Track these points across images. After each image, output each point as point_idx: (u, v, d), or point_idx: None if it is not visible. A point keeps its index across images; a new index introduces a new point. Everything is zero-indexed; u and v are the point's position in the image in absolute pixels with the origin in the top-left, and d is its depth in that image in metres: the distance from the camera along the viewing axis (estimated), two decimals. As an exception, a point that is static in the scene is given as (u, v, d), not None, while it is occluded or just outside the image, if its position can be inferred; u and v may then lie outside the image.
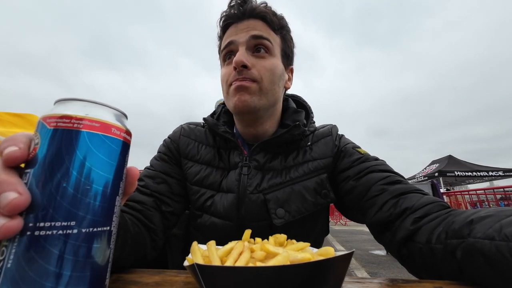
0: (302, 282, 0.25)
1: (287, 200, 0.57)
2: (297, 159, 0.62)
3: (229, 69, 0.59)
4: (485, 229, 0.33)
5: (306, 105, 0.72)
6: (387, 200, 0.50)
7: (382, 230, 0.50)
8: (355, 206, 0.57)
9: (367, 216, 0.53)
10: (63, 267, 0.19)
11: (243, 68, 0.56)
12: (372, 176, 0.55)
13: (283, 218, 0.56)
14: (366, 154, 0.62)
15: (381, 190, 0.52)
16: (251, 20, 0.59)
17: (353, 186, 0.57)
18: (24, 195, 0.19)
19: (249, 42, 0.58)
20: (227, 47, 0.60)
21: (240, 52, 0.57)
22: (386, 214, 0.49)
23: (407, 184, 0.53)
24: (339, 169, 0.62)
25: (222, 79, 0.62)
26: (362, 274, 2.66)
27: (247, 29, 0.58)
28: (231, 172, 0.61)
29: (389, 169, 0.58)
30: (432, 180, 6.36)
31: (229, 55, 0.61)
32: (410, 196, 0.49)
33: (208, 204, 0.60)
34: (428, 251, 0.40)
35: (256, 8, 0.59)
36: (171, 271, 0.37)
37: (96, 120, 0.22)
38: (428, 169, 14.37)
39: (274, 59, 0.60)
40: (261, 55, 0.59)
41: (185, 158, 0.65)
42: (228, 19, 0.61)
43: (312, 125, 0.68)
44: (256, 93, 0.57)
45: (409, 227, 0.44)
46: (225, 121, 0.67)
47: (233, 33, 0.60)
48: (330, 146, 0.64)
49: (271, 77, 0.59)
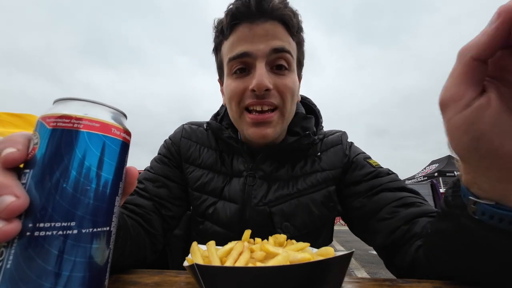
0: (302, 282, 0.25)
1: (293, 213, 0.55)
2: (305, 168, 0.58)
3: (240, 84, 0.51)
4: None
5: (315, 109, 0.67)
6: (400, 226, 0.47)
7: (392, 255, 0.48)
8: (362, 224, 0.54)
9: (377, 240, 0.50)
10: (63, 267, 0.19)
11: (266, 91, 0.49)
12: (385, 196, 0.51)
13: (289, 232, 0.54)
14: (378, 167, 0.58)
15: (393, 214, 0.48)
16: (269, 23, 0.50)
17: (363, 204, 0.53)
18: (22, 198, 0.19)
19: (269, 57, 0.50)
20: (240, 57, 0.50)
21: (261, 71, 0.48)
22: (398, 241, 0.46)
23: (420, 207, 0.48)
24: (349, 181, 0.58)
25: (230, 95, 0.53)
26: (362, 274, 2.66)
27: (265, 36, 0.49)
28: (235, 180, 0.58)
29: (403, 186, 0.53)
30: (432, 180, 6.36)
31: (243, 68, 0.51)
32: (421, 220, 0.45)
33: (210, 212, 0.58)
34: (429, 267, 0.39)
35: (276, 8, 0.49)
36: (171, 271, 0.37)
37: (96, 120, 0.22)
38: (427, 169, 14.37)
39: (293, 75, 0.54)
40: (282, 73, 0.52)
41: (186, 162, 0.63)
42: (240, 17, 0.50)
43: (321, 132, 0.65)
44: (279, 122, 0.52)
45: (413, 254, 0.42)
46: (229, 123, 0.63)
47: (247, 39, 0.50)
48: (340, 156, 0.60)
49: (291, 97, 0.53)
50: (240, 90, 0.51)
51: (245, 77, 0.51)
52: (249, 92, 0.50)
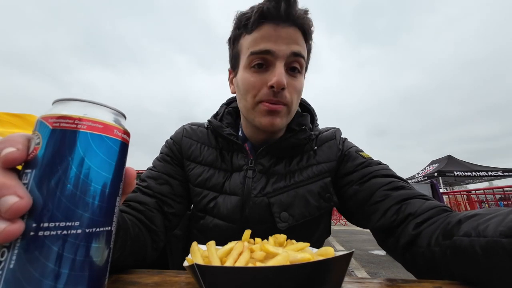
0: (302, 282, 0.25)
1: (291, 204, 0.57)
2: (301, 163, 0.62)
3: (258, 80, 0.54)
4: (467, 228, 0.34)
5: (310, 108, 0.71)
6: (391, 206, 0.50)
7: (386, 236, 0.50)
8: (358, 211, 0.57)
9: (371, 222, 0.53)
10: (65, 266, 0.19)
11: (281, 90, 0.53)
12: (376, 181, 0.55)
13: (287, 222, 0.56)
14: (369, 158, 0.62)
15: (384, 196, 0.52)
16: (292, 29, 0.54)
17: (357, 191, 0.57)
18: (25, 199, 0.19)
19: (288, 59, 0.54)
20: (263, 54, 0.53)
21: (280, 70, 0.52)
22: (390, 220, 0.49)
23: (410, 190, 0.52)
24: (342, 173, 0.62)
25: (247, 88, 0.56)
26: (362, 274, 2.66)
27: (288, 40, 0.53)
28: (235, 175, 0.61)
29: (392, 173, 0.57)
30: (432, 180, 6.36)
31: (261, 64, 0.55)
32: (413, 201, 0.49)
33: (211, 206, 0.60)
34: (429, 255, 0.40)
35: (300, 16, 0.54)
36: (171, 272, 0.37)
37: (96, 120, 0.23)
38: (427, 169, 14.39)
39: (302, 78, 0.59)
40: (294, 74, 0.56)
41: (188, 160, 0.65)
42: (268, 16, 0.53)
43: (316, 128, 0.68)
44: (285, 115, 0.57)
45: (411, 233, 0.44)
46: (228, 122, 0.67)
47: (271, 38, 0.53)
48: (334, 150, 0.64)
49: (298, 98, 0.58)
50: (258, 84, 0.55)
51: (263, 73, 0.54)
52: (266, 88, 0.54)
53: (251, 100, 0.56)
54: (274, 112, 0.55)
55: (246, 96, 0.57)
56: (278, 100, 0.54)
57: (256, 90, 0.55)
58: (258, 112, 0.56)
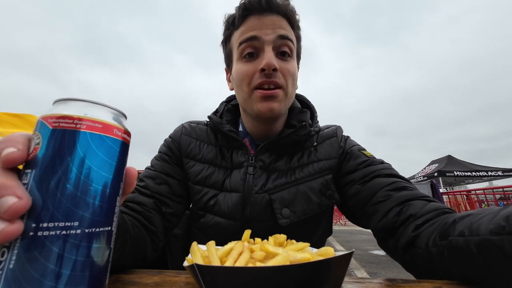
0: (302, 282, 0.25)
1: (292, 200, 0.57)
2: (302, 159, 0.62)
3: (250, 67, 0.56)
4: (461, 227, 0.34)
5: (310, 105, 0.72)
6: (392, 207, 0.50)
7: (387, 237, 0.50)
8: (360, 210, 0.57)
9: (372, 222, 0.53)
10: (65, 266, 0.19)
11: (273, 71, 0.54)
12: (378, 181, 0.55)
13: (288, 218, 0.56)
14: (371, 157, 0.61)
15: (386, 196, 0.52)
16: (275, 16, 0.56)
17: (358, 190, 0.57)
18: (24, 199, 0.19)
19: (275, 42, 0.56)
20: (249, 41, 0.56)
21: (269, 53, 0.54)
22: (391, 222, 0.48)
23: (412, 190, 0.52)
24: (344, 171, 0.62)
25: (241, 77, 0.58)
26: (361, 274, 2.66)
27: (272, 26, 0.56)
28: (235, 172, 0.61)
29: (395, 173, 0.57)
30: (432, 180, 6.36)
31: (251, 52, 0.57)
32: (415, 203, 0.48)
33: (212, 204, 0.59)
34: (427, 255, 0.40)
35: (282, 4, 0.57)
36: (171, 272, 0.37)
37: (97, 120, 0.23)
38: (427, 169, 14.39)
39: (293, 62, 0.60)
40: (285, 58, 0.58)
41: (187, 157, 0.65)
42: (251, 9, 0.56)
43: (316, 125, 0.68)
44: (283, 99, 0.57)
45: (410, 234, 0.44)
46: (228, 119, 0.67)
47: (256, 26, 0.56)
48: (335, 147, 0.64)
49: (292, 81, 0.58)
50: (251, 71, 0.56)
51: (254, 61, 0.57)
52: (258, 73, 0.55)
53: (246, 88, 0.57)
54: (270, 97, 0.55)
55: (241, 86, 0.58)
56: (271, 81, 0.55)
57: (250, 77, 0.56)
58: (254, 100, 0.57)
